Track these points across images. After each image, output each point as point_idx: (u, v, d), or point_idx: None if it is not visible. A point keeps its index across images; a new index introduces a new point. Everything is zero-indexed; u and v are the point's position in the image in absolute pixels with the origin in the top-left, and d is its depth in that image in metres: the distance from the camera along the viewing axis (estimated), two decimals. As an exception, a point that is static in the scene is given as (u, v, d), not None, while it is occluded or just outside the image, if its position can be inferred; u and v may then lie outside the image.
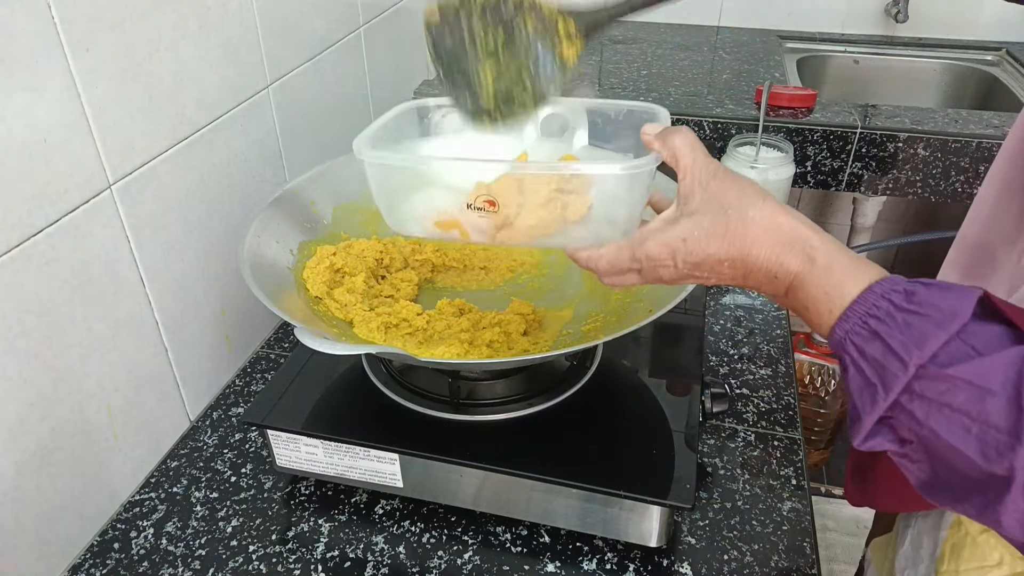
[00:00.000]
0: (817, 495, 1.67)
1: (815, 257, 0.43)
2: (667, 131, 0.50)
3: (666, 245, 0.47)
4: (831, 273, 0.42)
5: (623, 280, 0.51)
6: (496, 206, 0.52)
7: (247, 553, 0.65)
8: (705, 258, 0.46)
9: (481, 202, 0.52)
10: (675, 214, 0.48)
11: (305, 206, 0.78)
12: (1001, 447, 0.35)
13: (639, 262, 0.49)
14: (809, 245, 0.43)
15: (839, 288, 0.42)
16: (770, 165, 1.06)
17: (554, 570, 0.63)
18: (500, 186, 0.52)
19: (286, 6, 0.88)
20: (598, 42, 1.63)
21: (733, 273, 0.46)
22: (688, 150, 0.48)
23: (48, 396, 0.61)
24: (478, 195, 0.52)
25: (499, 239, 0.54)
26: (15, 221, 0.56)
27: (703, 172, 0.47)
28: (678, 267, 0.47)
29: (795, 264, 0.44)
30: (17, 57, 0.54)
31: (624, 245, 0.50)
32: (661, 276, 0.49)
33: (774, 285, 0.45)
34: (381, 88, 1.16)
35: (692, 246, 0.46)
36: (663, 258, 0.48)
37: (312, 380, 0.71)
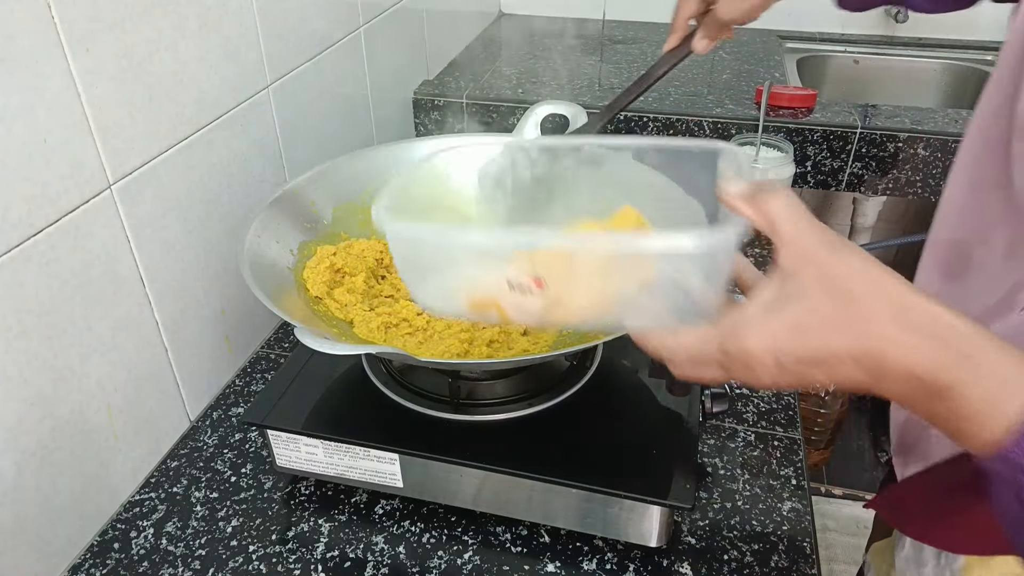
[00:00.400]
0: (817, 495, 1.67)
1: (972, 354, 0.35)
2: (759, 193, 0.39)
3: (770, 337, 0.38)
4: (993, 374, 0.34)
5: (701, 373, 0.42)
6: (544, 285, 0.43)
7: (247, 553, 0.65)
8: (824, 355, 0.37)
9: (525, 280, 0.43)
10: (777, 296, 0.38)
11: (305, 206, 0.78)
12: None
13: (729, 356, 0.39)
14: (961, 336, 0.35)
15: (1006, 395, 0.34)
16: (770, 165, 1.06)
17: (554, 570, 0.63)
18: (548, 259, 0.43)
19: (286, 6, 0.88)
20: (598, 42, 1.64)
21: (859, 374, 0.37)
22: (789, 216, 0.38)
23: (48, 396, 0.61)
24: (521, 272, 0.43)
25: (547, 321, 0.45)
26: (15, 221, 0.56)
27: (812, 242, 0.38)
28: (783, 366, 0.38)
29: (946, 361, 0.35)
30: (17, 57, 0.54)
31: (710, 334, 0.40)
32: (757, 377, 0.39)
33: (913, 387, 0.36)
34: (381, 88, 1.16)
35: (804, 338, 0.37)
36: (763, 355, 0.38)
37: (312, 380, 0.71)
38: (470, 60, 1.50)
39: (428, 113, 1.32)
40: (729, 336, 0.39)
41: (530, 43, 1.61)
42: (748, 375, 0.39)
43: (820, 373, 0.37)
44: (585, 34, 1.68)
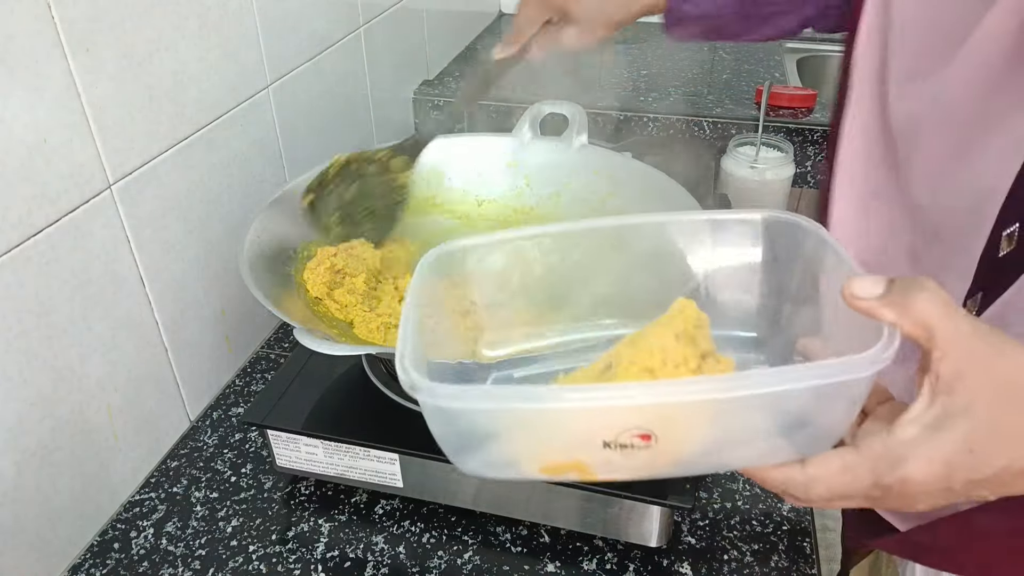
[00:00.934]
0: (817, 495, 1.67)
1: None
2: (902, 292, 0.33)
3: (939, 463, 0.32)
4: None
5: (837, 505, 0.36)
6: (653, 438, 0.35)
7: (247, 553, 0.65)
8: (1003, 473, 0.32)
9: (628, 438, 0.35)
10: (939, 412, 0.33)
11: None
12: None
13: (883, 488, 0.34)
14: None
15: None
16: (770, 165, 1.06)
17: (554, 570, 0.63)
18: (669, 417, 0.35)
19: (286, 6, 0.88)
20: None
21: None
22: (944, 316, 0.32)
23: (48, 396, 0.61)
24: (625, 430, 0.35)
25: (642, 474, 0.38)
26: (15, 221, 0.56)
27: (974, 343, 0.32)
28: (952, 490, 0.33)
29: None
30: (17, 57, 0.54)
31: (858, 465, 0.34)
32: (914, 504, 0.34)
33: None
34: (381, 88, 1.16)
35: (981, 458, 0.32)
36: (931, 483, 0.33)
37: (312, 380, 0.71)
38: (470, 60, 1.49)
39: (428, 113, 1.32)
40: (885, 466, 0.33)
41: (530, 43, 1.61)
42: (903, 504, 0.34)
43: (990, 492, 0.33)
44: (585, 34, 1.68)
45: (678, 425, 0.35)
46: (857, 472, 0.34)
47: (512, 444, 0.38)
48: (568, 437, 0.36)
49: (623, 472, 0.37)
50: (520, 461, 0.38)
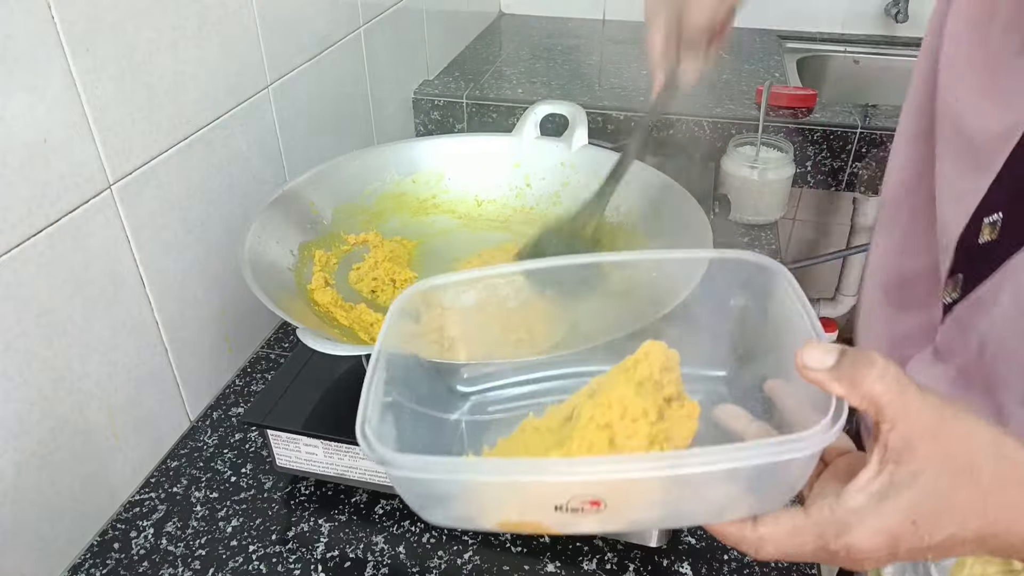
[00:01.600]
0: (817, 495, 1.67)
1: None
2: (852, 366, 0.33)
3: (884, 533, 0.33)
4: None
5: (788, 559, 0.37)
6: (602, 504, 0.36)
7: (247, 553, 0.65)
8: (947, 542, 0.33)
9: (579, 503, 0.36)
10: (886, 480, 0.33)
11: (305, 206, 0.78)
12: None
13: (829, 552, 0.34)
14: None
15: None
16: (770, 165, 1.06)
17: (554, 570, 0.63)
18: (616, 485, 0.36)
19: (286, 6, 0.88)
20: (598, 42, 1.64)
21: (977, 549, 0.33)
22: (896, 391, 0.33)
23: (48, 396, 0.61)
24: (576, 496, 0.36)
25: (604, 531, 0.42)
26: (15, 221, 0.56)
27: (924, 417, 0.33)
28: (896, 556, 0.34)
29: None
30: (17, 57, 0.54)
31: (806, 528, 0.35)
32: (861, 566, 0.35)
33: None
34: (381, 88, 1.17)
35: (926, 529, 0.33)
36: (875, 550, 0.33)
37: (312, 380, 0.71)
38: (470, 60, 1.50)
39: (428, 113, 1.32)
40: (832, 532, 0.34)
41: (530, 43, 1.61)
42: (851, 565, 0.35)
43: (935, 556, 0.34)
44: (585, 34, 1.68)
45: (626, 494, 0.36)
46: (805, 536, 0.35)
47: (470, 505, 0.39)
48: (521, 502, 0.38)
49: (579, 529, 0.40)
50: (478, 519, 0.40)
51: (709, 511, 0.38)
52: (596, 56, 1.56)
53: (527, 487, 0.37)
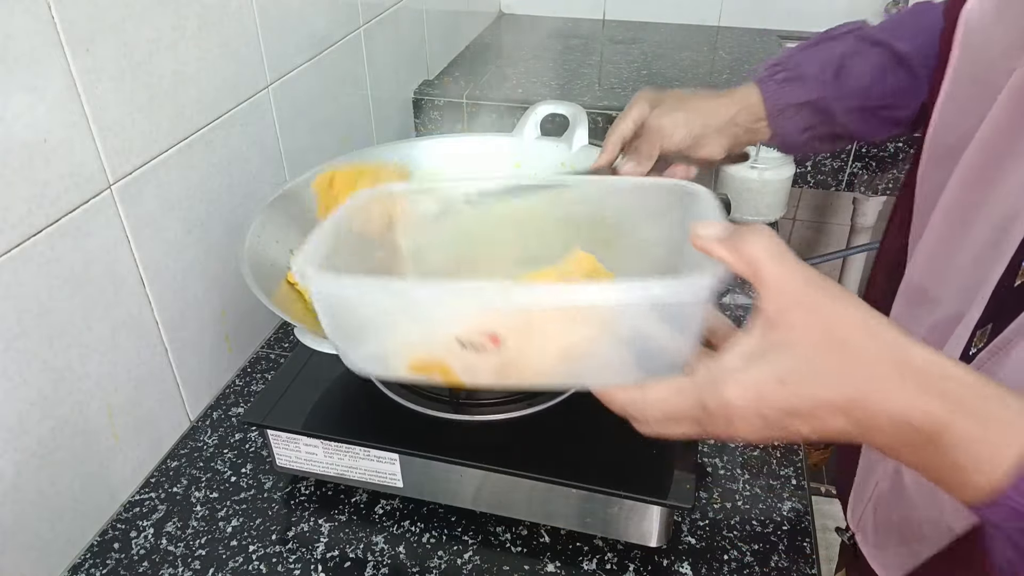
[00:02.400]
0: (817, 495, 1.67)
1: (965, 399, 0.33)
2: (738, 234, 0.37)
3: (753, 389, 0.35)
4: (990, 422, 0.33)
5: (672, 430, 0.39)
6: (500, 341, 0.38)
7: (247, 553, 0.65)
8: (813, 407, 0.35)
9: (480, 338, 0.38)
10: (761, 344, 0.36)
11: (305, 206, 0.78)
12: None
13: (707, 411, 0.37)
14: (959, 383, 0.34)
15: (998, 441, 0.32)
16: (770, 165, 1.06)
17: (554, 570, 0.63)
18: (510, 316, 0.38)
19: (286, 6, 0.88)
20: (598, 42, 1.64)
21: (844, 423, 0.35)
22: (772, 258, 0.35)
23: (48, 396, 0.61)
24: (475, 328, 0.38)
25: (502, 381, 0.41)
26: (15, 221, 0.56)
27: (799, 287, 0.35)
28: (767, 419, 0.35)
29: (940, 408, 0.33)
30: (17, 57, 0.54)
31: (686, 388, 0.37)
32: (736, 431, 0.37)
33: (904, 435, 0.34)
34: (381, 88, 1.17)
35: (792, 389, 0.35)
36: (746, 408, 0.35)
37: (312, 380, 0.71)
38: (470, 60, 1.49)
39: (428, 113, 1.32)
40: (708, 389, 0.36)
41: (530, 43, 1.61)
42: (727, 430, 0.37)
43: (805, 425, 0.35)
44: (585, 34, 1.68)
45: (516, 329, 0.38)
46: (685, 394, 0.37)
47: (382, 337, 0.41)
48: (425, 330, 0.39)
49: (480, 378, 0.40)
50: (392, 357, 0.41)
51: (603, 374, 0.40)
52: (596, 56, 1.56)
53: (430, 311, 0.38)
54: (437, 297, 0.38)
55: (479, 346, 0.38)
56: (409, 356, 0.41)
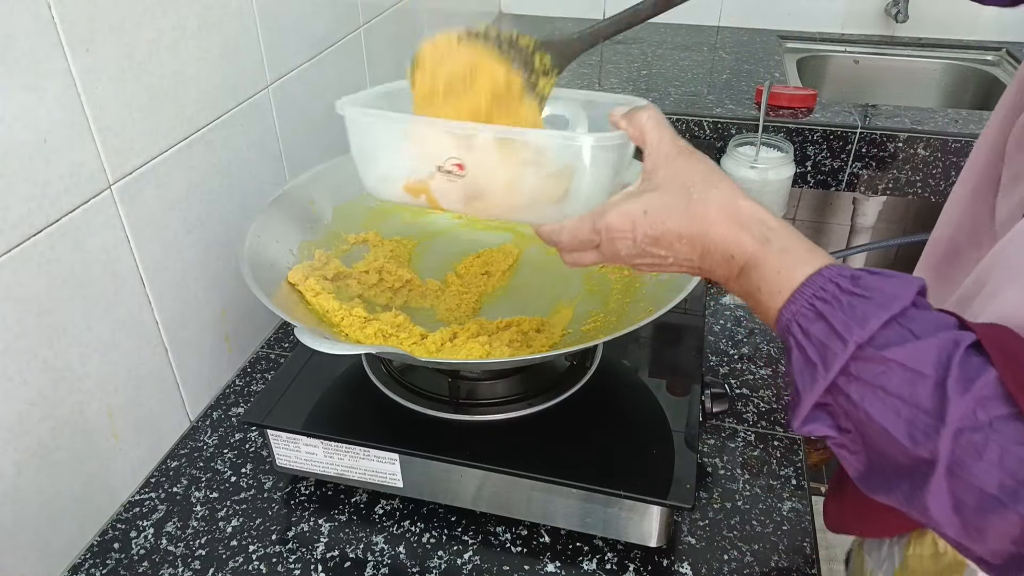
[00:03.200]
0: (817, 495, 1.67)
1: (771, 238, 0.44)
2: (633, 110, 0.50)
3: (627, 215, 0.47)
4: (784, 255, 0.43)
5: (583, 258, 0.51)
6: (464, 169, 0.51)
7: (247, 553, 0.65)
8: (664, 232, 0.46)
9: (449, 164, 0.51)
10: (639, 188, 0.48)
11: (305, 206, 0.78)
12: (927, 429, 0.36)
13: (599, 234, 0.49)
14: (766, 227, 0.45)
15: (791, 270, 0.42)
16: (770, 165, 1.06)
17: (554, 570, 0.63)
18: (471, 149, 0.51)
19: (286, 6, 0.88)
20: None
21: (691, 252, 0.46)
22: (654, 126, 0.49)
23: (48, 396, 0.61)
24: (447, 157, 0.51)
25: (468, 208, 0.54)
26: (15, 221, 0.56)
27: (669, 148, 0.48)
28: (636, 241, 0.47)
29: (751, 244, 0.44)
30: (17, 57, 0.54)
31: (585, 217, 0.50)
32: (619, 251, 0.49)
33: (728, 266, 0.45)
34: (381, 88, 1.16)
35: (652, 219, 0.46)
36: (623, 230, 0.47)
37: (312, 380, 0.71)
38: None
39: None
40: (599, 217, 0.48)
41: (530, 43, 1.61)
42: (613, 249, 0.49)
43: (664, 250, 0.47)
44: (585, 34, 1.68)
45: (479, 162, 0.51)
46: (584, 222, 0.50)
47: (390, 163, 0.55)
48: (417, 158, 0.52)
49: (454, 204, 0.53)
50: (393, 179, 0.55)
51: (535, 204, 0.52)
52: (596, 56, 1.56)
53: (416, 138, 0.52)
54: (423, 126, 0.52)
55: (450, 171, 0.52)
56: (404, 179, 0.54)
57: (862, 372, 0.38)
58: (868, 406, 0.38)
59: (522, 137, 0.50)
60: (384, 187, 0.56)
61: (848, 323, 0.39)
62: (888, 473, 0.39)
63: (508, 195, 0.52)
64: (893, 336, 0.38)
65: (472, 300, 0.77)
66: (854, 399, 0.39)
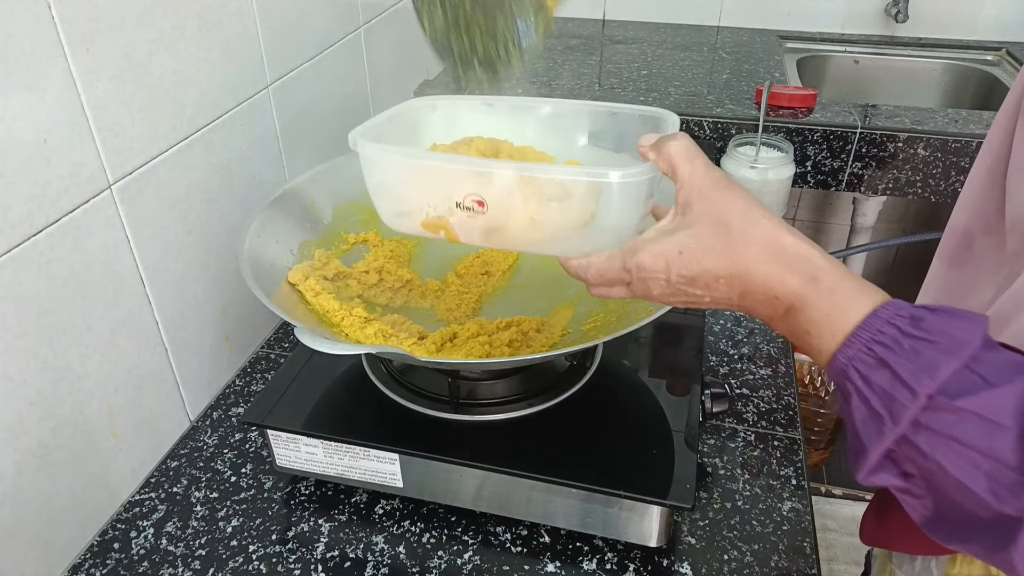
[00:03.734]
0: (817, 495, 1.67)
1: (819, 277, 0.41)
2: (663, 139, 0.47)
3: (660, 256, 0.44)
4: (834, 295, 0.40)
5: (611, 292, 0.49)
6: (485, 206, 0.50)
7: (247, 553, 0.65)
8: (700, 273, 0.43)
9: (470, 201, 0.50)
10: (672, 225, 0.45)
11: (305, 206, 0.78)
12: (1013, 486, 0.34)
13: (629, 273, 0.46)
14: (813, 265, 0.41)
15: (842, 311, 0.39)
16: (770, 165, 1.06)
17: (554, 570, 0.63)
18: (491, 186, 0.50)
19: (286, 6, 0.88)
20: (598, 42, 1.64)
21: (729, 292, 0.43)
22: (685, 158, 0.45)
23: (48, 396, 0.61)
24: (467, 194, 0.50)
25: (489, 242, 0.53)
26: (15, 221, 0.56)
27: (703, 182, 0.45)
28: (671, 281, 0.44)
29: (797, 284, 0.41)
30: (17, 57, 0.54)
31: (615, 254, 0.47)
32: (651, 291, 0.46)
33: (772, 306, 0.42)
34: (381, 88, 1.16)
35: (688, 259, 0.43)
36: (656, 270, 0.45)
37: (312, 380, 0.71)
38: (470, 60, 1.49)
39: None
40: (630, 255, 0.46)
41: (530, 43, 1.61)
42: (644, 289, 0.46)
43: (700, 290, 0.44)
44: (585, 34, 1.68)
45: (500, 198, 0.50)
46: (614, 260, 0.47)
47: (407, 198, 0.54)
48: (436, 194, 0.52)
49: (475, 238, 0.52)
50: (412, 213, 0.54)
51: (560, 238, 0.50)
52: (596, 56, 1.56)
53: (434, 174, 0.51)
54: (442, 163, 0.51)
55: (470, 208, 0.50)
56: (422, 215, 0.53)
57: (932, 422, 0.36)
58: (940, 457, 0.36)
59: (546, 175, 0.48)
60: (402, 222, 0.55)
61: (915, 372, 0.36)
62: (962, 524, 0.37)
63: (531, 230, 0.51)
64: (965, 384, 0.35)
65: (472, 300, 0.77)
66: (924, 450, 0.36)
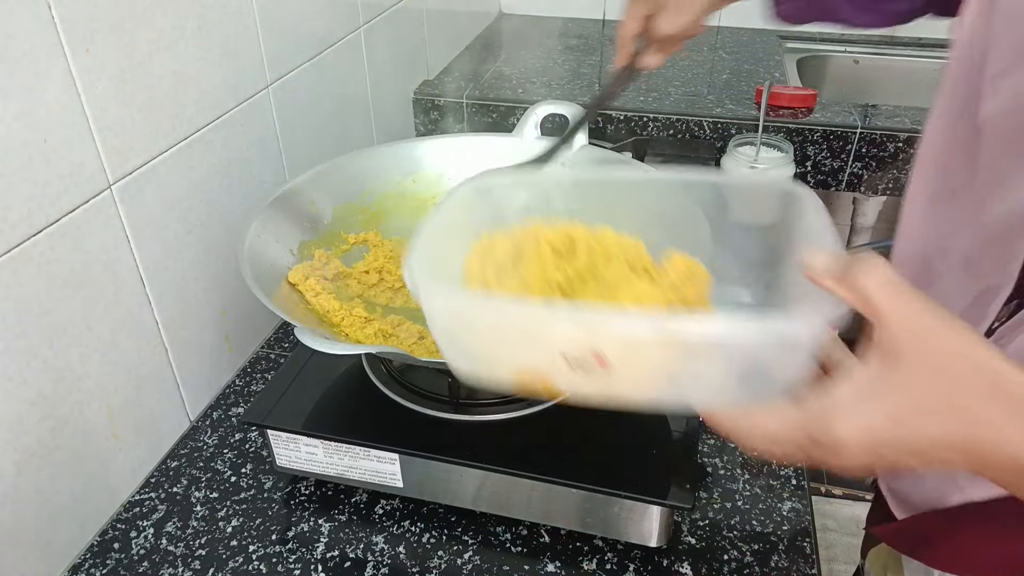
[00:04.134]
0: (817, 495, 1.67)
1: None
2: (851, 269, 0.35)
3: (868, 428, 0.34)
4: None
5: (775, 452, 0.38)
6: (607, 364, 0.37)
7: (247, 553, 0.65)
8: (926, 445, 0.34)
9: (586, 355, 0.37)
10: (875, 380, 0.34)
11: (305, 206, 0.78)
12: None
13: (816, 443, 0.35)
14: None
15: None
16: (770, 165, 1.06)
17: (554, 570, 0.63)
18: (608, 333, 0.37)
19: (286, 6, 0.88)
20: (598, 42, 1.64)
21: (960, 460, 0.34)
22: (888, 293, 0.34)
23: (48, 396, 0.61)
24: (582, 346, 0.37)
25: (606, 399, 0.40)
26: (15, 221, 0.56)
27: (915, 324, 0.33)
28: (879, 455, 0.34)
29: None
30: (17, 57, 0.54)
31: (795, 419, 0.36)
32: (844, 464, 0.36)
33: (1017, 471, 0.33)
34: (381, 88, 1.16)
35: (908, 429, 0.33)
36: (857, 445, 0.34)
37: (312, 380, 0.71)
38: (470, 60, 1.49)
39: (428, 113, 1.32)
40: (818, 422, 0.35)
41: (530, 43, 1.61)
42: (834, 461, 0.36)
43: (917, 461, 0.34)
44: (585, 34, 1.68)
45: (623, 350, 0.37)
46: (793, 424, 0.36)
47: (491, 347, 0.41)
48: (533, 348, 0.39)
49: (588, 391, 0.40)
50: (497, 366, 0.41)
51: (705, 389, 0.39)
52: (596, 56, 1.56)
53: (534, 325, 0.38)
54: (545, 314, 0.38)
55: (586, 364, 0.37)
56: (514, 366, 0.41)
57: None
58: None
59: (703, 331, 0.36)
60: (482, 373, 0.42)
61: None
62: None
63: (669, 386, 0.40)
64: None
65: (472, 300, 0.77)
66: None
